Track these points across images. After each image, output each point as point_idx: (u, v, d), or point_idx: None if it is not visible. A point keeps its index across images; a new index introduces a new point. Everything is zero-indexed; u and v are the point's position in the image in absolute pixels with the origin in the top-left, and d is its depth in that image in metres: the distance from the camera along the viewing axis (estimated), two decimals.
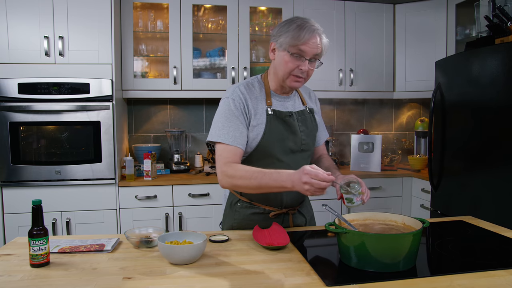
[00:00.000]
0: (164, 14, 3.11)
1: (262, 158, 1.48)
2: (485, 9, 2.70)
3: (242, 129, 1.45)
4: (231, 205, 1.60)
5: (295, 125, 1.53)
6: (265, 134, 1.47)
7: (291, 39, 1.40)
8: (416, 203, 3.09)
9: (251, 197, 1.56)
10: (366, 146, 3.17)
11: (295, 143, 1.52)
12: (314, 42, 1.40)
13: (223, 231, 1.55)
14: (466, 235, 1.49)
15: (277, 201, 1.55)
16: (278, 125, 1.49)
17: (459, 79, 2.45)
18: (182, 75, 3.01)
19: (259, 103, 1.50)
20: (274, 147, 1.48)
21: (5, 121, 2.56)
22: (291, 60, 1.42)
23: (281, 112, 1.51)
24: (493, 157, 2.20)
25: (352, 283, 1.03)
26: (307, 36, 1.39)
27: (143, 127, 3.33)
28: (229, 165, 1.40)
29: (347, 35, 3.26)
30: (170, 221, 2.78)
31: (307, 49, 1.40)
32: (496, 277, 1.07)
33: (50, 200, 2.61)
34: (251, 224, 1.54)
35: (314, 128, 1.62)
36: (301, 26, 1.40)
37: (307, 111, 1.60)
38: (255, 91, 1.51)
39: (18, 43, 2.57)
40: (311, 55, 1.42)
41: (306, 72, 1.45)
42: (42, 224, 1.17)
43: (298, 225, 1.62)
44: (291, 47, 1.41)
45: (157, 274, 1.11)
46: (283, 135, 1.50)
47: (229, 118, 1.44)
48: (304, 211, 1.66)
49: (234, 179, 1.38)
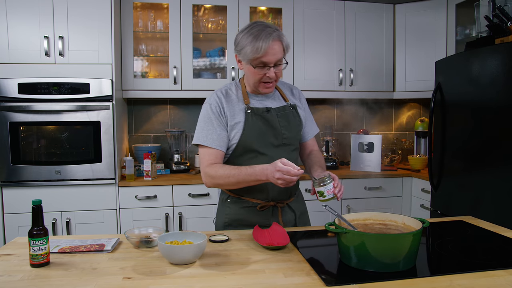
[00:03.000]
0: (164, 14, 3.11)
1: (244, 153, 1.56)
2: (485, 9, 2.70)
3: (219, 131, 1.54)
4: (222, 201, 1.66)
5: (274, 120, 1.58)
6: (244, 131, 1.54)
7: (250, 53, 1.45)
8: (416, 203, 3.09)
9: (240, 192, 1.61)
10: (366, 146, 3.17)
11: (275, 137, 1.58)
12: (273, 50, 1.45)
13: (222, 231, 1.55)
14: (466, 235, 1.49)
15: (263, 194, 1.58)
16: (256, 121, 1.55)
17: (459, 79, 2.45)
18: (182, 75, 3.01)
19: (237, 104, 1.58)
20: (254, 142, 1.55)
21: (5, 121, 2.56)
22: (256, 71, 1.49)
23: (259, 109, 1.58)
24: (493, 157, 2.20)
25: (352, 283, 1.03)
26: (264, 47, 1.42)
27: (143, 127, 3.33)
28: (210, 167, 1.51)
29: (347, 35, 3.26)
30: (170, 221, 2.78)
31: (268, 58, 1.45)
32: (496, 277, 1.07)
33: (50, 200, 2.61)
34: (241, 217, 1.60)
35: (298, 123, 1.65)
36: (257, 36, 1.43)
37: (288, 107, 1.64)
38: (232, 94, 1.60)
39: (18, 43, 2.57)
40: (274, 62, 1.47)
41: (274, 76, 1.50)
42: (42, 224, 1.17)
43: (287, 220, 1.64)
44: (252, 60, 1.47)
45: (157, 274, 1.11)
46: (262, 130, 1.55)
47: (207, 122, 1.55)
48: (294, 206, 1.67)
49: (215, 179, 1.49)
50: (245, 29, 1.49)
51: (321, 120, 3.58)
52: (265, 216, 1.60)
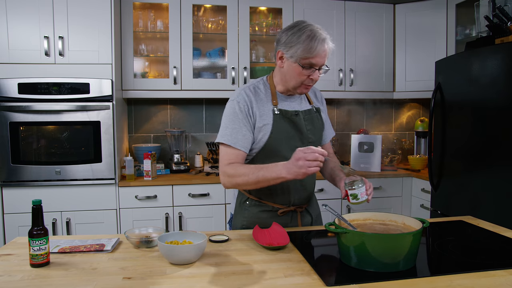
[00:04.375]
0: (164, 14, 3.11)
1: (270, 157, 1.50)
2: (485, 9, 2.70)
3: (245, 132, 1.48)
4: (240, 203, 1.62)
5: (302, 124, 1.56)
6: (272, 133, 1.50)
7: (302, 52, 1.41)
8: (416, 203, 3.09)
9: (260, 195, 1.57)
10: (366, 146, 3.17)
11: (302, 141, 1.55)
12: (324, 52, 1.44)
13: (223, 231, 1.55)
14: (466, 235, 1.49)
15: (285, 199, 1.57)
16: (284, 124, 1.52)
17: (459, 79, 2.45)
18: (182, 75, 3.01)
19: (265, 104, 1.53)
20: (281, 145, 1.51)
21: (5, 121, 2.56)
22: (303, 72, 1.45)
23: (287, 112, 1.53)
24: (493, 157, 2.20)
25: (352, 283, 1.03)
26: (318, 48, 1.41)
27: (143, 127, 3.33)
28: (229, 166, 1.46)
29: (347, 35, 3.26)
30: (170, 221, 2.78)
31: (318, 60, 1.43)
32: (496, 277, 1.07)
33: (50, 200, 2.61)
34: (261, 222, 1.55)
35: (321, 126, 1.65)
36: (312, 37, 1.41)
37: (313, 110, 1.62)
38: (260, 93, 1.54)
39: (18, 43, 2.57)
40: (320, 65, 1.46)
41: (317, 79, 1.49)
42: (42, 224, 1.17)
43: (305, 223, 1.64)
44: (302, 59, 1.43)
45: (157, 274, 1.11)
46: (289, 134, 1.53)
47: (233, 120, 1.48)
48: (311, 209, 1.68)
49: (234, 178, 1.43)
50: (295, 27, 1.46)
51: None
52: (285, 221, 1.58)
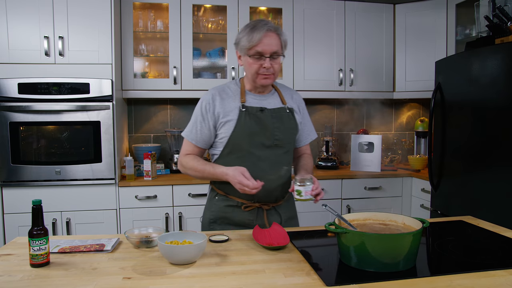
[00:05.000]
0: (164, 14, 3.11)
1: (234, 151, 1.58)
2: (485, 9, 2.70)
3: (202, 129, 1.60)
4: (210, 199, 1.70)
5: (268, 120, 1.59)
6: (236, 129, 1.56)
7: (246, 42, 1.52)
8: (416, 203, 3.09)
9: (227, 191, 1.62)
10: (366, 146, 3.17)
11: (267, 138, 1.58)
12: (268, 39, 1.51)
13: (223, 231, 1.55)
14: (466, 235, 1.49)
15: (249, 195, 1.57)
16: (249, 120, 1.57)
17: (459, 79, 2.45)
18: (182, 75, 3.01)
19: (232, 102, 1.60)
20: (245, 141, 1.56)
21: (5, 121, 2.56)
22: (253, 61, 1.54)
23: (253, 108, 1.59)
24: (493, 157, 2.20)
25: (352, 283, 1.03)
26: (258, 37, 1.50)
27: (143, 127, 3.33)
28: (185, 157, 1.64)
29: (347, 35, 3.26)
30: (170, 221, 2.78)
31: (263, 48, 1.51)
32: (496, 277, 1.07)
33: (50, 200, 2.61)
34: (226, 216, 1.62)
35: (293, 126, 1.66)
36: (252, 27, 1.52)
37: (284, 109, 1.64)
38: (229, 92, 1.63)
39: (18, 43, 2.57)
40: (269, 53, 1.52)
41: (271, 68, 1.54)
42: (42, 224, 1.17)
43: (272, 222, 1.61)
44: (248, 50, 1.53)
45: (157, 274, 1.11)
46: (253, 130, 1.57)
47: (195, 118, 1.63)
48: (281, 210, 1.67)
49: (185, 169, 1.64)
50: (245, 25, 1.57)
51: (321, 120, 3.58)
52: (250, 216, 1.61)
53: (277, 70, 1.57)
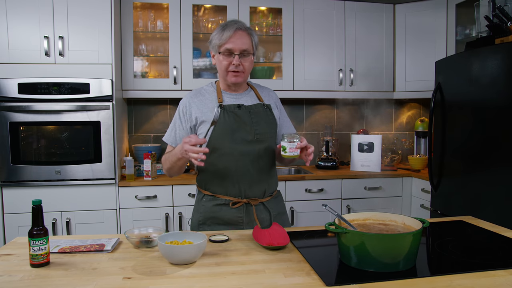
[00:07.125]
0: (164, 14, 3.11)
1: (216, 149, 1.59)
2: (485, 9, 2.70)
3: (179, 132, 1.66)
4: (198, 201, 1.70)
5: (246, 116, 1.62)
6: (215, 127, 1.58)
7: (217, 40, 1.59)
8: (416, 203, 3.09)
9: (214, 190, 1.64)
10: (366, 146, 3.17)
11: (248, 133, 1.60)
12: (238, 38, 1.56)
13: (223, 231, 1.55)
14: (466, 235, 1.49)
15: (236, 191, 1.61)
16: (228, 117, 1.60)
17: (459, 79, 2.45)
18: (182, 75, 3.01)
19: (209, 103, 1.64)
20: (226, 138, 1.59)
21: (5, 121, 2.56)
22: (223, 58, 1.59)
23: (230, 106, 1.62)
24: (493, 157, 2.20)
25: (352, 283, 1.03)
26: (228, 34, 1.56)
27: (143, 127, 3.33)
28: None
29: (347, 35, 3.26)
30: (170, 221, 2.78)
31: (232, 45, 1.56)
32: (496, 277, 1.07)
33: (50, 200, 2.61)
34: (215, 215, 1.62)
35: (271, 121, 1.69)
36: (224, 26, 1.58)
37: (261, 105, 1.68)
38: (206, 94, 1.67)
39: (18, 43, 2.57)
40: (239, 51, 1.57)
41: (241, 66, 1.58)
42: (42, 224, 1.17)
43: (262, 219, 1.63)
44: (219, 47, 1.59)
45: (157, 274, 1.11)
46: (233, 127, 1.59)
47: (173, 121, 1.69)
48: (270, 205, 1.67)
49: (164, 169, 1.69)
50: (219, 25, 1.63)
51: (321, 120, 3.58)
52: (239, 214, 1.61)
53: (248, 68, 1.61)
